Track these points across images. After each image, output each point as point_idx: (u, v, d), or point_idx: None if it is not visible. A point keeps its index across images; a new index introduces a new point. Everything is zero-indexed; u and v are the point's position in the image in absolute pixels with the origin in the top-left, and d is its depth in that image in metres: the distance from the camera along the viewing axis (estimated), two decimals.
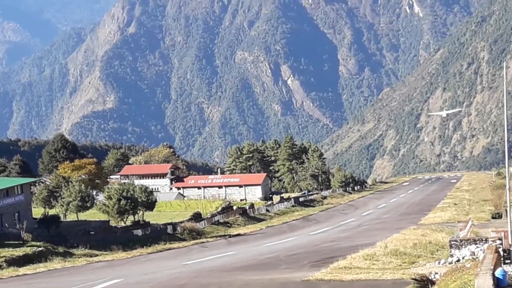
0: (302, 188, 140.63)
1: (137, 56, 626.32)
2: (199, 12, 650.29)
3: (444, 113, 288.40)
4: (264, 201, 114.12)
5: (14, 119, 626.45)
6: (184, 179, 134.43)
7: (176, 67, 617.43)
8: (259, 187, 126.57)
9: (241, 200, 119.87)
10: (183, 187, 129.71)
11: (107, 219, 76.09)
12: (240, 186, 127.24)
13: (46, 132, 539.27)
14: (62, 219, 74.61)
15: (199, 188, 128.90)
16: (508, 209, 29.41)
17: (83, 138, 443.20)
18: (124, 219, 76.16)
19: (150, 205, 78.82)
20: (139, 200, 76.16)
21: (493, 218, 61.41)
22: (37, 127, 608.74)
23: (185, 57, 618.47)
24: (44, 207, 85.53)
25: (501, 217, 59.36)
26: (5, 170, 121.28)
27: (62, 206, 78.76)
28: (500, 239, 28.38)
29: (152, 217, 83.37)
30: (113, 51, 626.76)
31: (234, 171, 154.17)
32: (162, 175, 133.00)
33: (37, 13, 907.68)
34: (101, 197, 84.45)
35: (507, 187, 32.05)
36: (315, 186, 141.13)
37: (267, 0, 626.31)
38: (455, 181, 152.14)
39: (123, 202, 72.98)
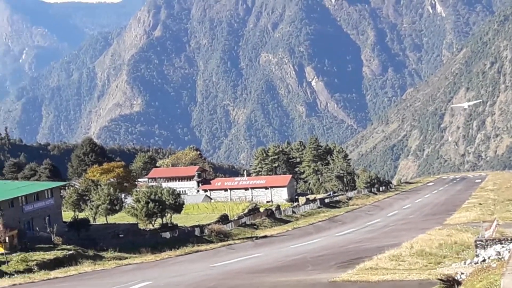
0: (328, 189, 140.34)
1: (163, 60, 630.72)
2: (223, 15, 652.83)
3: (465, 105, 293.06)
4: (290, 203, 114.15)
5: (44, 124, 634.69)
6: (211, 182, 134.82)
7: (202, 69, 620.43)
8: (285, 189, 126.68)
9: (267, 201, 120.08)
10: (210, 190, 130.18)
11: (136, 222, 76.76)
12: (266, 188, 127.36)
13: (75, 136, 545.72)
14: (91, 222, 75.64)
15: (225, 190, 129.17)
16: None
17: (111, 142, 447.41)
18: (153, 222, 76.67)
19: (177, 207, 79.21)
20: (167, 202, 76.58)
21: None
22: (66, 131, 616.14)
23: (210, 60, 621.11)
24: (74, 211, 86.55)
25: None
26: (35, 174, 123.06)
27: (92, 209, 79.77)
28: None
29: (180, 219, 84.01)
30: (139, 55, 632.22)
31: (260, 173, 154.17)
32: (189, 178, 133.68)
33: (65, 18, 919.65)
34: (129, 200, 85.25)
35: None
36: (340, 187, 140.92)
37: (290, 2, 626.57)
38: (479, 180, 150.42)
39: (151, 205, 73.57)
